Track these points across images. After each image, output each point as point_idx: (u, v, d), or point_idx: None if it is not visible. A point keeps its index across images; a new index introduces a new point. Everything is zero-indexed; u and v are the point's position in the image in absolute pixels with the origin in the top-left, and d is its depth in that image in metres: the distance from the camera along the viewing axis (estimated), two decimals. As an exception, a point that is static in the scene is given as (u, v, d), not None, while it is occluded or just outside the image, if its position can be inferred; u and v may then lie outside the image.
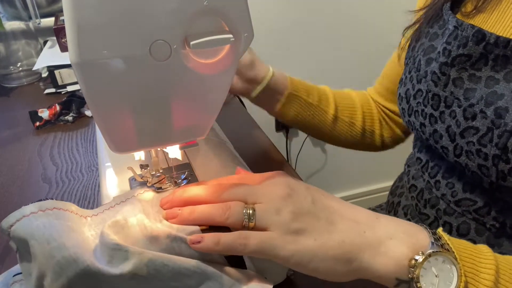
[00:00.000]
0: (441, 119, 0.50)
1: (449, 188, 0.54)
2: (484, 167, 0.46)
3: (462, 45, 0.48)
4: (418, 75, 0.54)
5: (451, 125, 0.49)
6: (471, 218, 0.52)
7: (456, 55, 0.48)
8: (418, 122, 0.55)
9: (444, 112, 0.50)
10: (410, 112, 0.56)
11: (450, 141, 0.49)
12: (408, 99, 0.56)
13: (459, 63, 0.48)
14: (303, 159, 1.68)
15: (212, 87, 0.40)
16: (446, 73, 0.50)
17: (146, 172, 0.46)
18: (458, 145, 0.48)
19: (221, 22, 0.35)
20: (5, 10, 1.12)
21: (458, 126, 0.48)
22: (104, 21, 0.32)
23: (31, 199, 0.64)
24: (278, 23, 1.42)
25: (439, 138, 0.51)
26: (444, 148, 0.51)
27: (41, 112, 0.86)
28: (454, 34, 0.49)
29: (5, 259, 0.53)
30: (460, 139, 0.48)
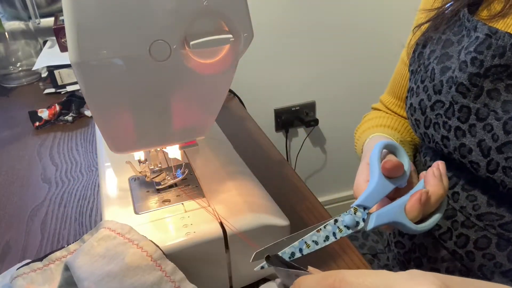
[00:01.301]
0: (471, 132, 0.47)
1: (470, 201, 0.51)
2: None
3: (498, 55, 0.44)
4: (434, 86, 0.51)
5: (484, 139, 0.46)
6: (494, 233, 0.50)
7: (491, 66, 0.45)
8: (439, 135, 0.51)
9: (475, 125, 0.47)
10: (427, 124, 0.53)
11: (482, 156, 0.46)
12: (424, 110, 0.53)
13: (494, 74, 0.45)
14: (303, 159, 1.68)
15: (212, 87, 0.40)
16: (478, 85, 0.46)
17: (144, 167, 0.46)
18: (493, 161, 0.45)
19: (221, 22, 0.35)
20: (4, 10, 1.12)
21: (495, 140, 0.45)
22: (103, 21, 0.32)
23: (30, 199, 0.65)
24: (278, 23, 1.42)
25: (467, 153, 0.48)
26: (473, 163, 0.48)
27: (40, 112, 0.86)
28: (487, 43, 0.45)
29: (5, 259, 0.53)
30: (497, 154, 0.45)
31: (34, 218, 0.60)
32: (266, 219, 0.43)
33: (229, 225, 0.41)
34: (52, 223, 0.59)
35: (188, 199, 0.46)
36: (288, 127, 1.60)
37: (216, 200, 0.46)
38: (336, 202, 1.79)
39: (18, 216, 0.61)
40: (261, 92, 1.48)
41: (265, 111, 1.54)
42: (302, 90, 1.55)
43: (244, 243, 0.42)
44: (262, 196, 0.47)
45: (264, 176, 0.67)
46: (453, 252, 0.54)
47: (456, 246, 0.53)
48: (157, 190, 0.48)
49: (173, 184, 0.48)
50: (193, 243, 0.40)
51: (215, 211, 0.44)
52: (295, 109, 1.57)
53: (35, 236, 0.57)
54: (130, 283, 0.36)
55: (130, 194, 0.47)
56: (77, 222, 0.59)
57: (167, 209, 0.45)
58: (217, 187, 0.48)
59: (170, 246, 0.39)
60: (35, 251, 0.54)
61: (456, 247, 0.53)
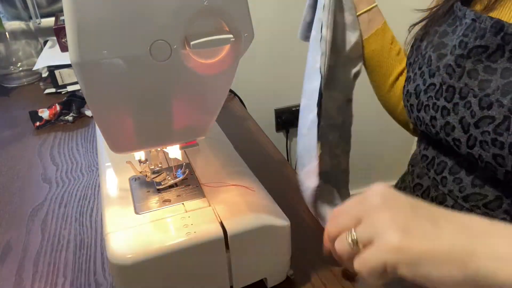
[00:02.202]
0: (454, 110, 0.50)
1: (457, 183, 0.54)
2: (499, 157, 0.46)
3: (480, 37, 0.48)
4: (430, 70, 0.55)
5: (465, 116, 0.49)
6: (479, 213, 0.52)
7: (473, 47, 0.49)
8: (428, 116, 0.55)
9: (458, 103, 0.50)
10: (419, 107, 0.56)
11: (463, 132, 0.49)
12: (418, 94, 0.56)
13: (475, 55, 0.49)
14: (303, 159, 1.68)
15: (212, 87, 0.40)
16: (462, 65, 0.50)
17: (145, 167, 0.46)
18: (472, 136, 0.48)
19: (221, 22, 0.35)
20: (5, 10, 1.12)
21: (473, 116, 0.48)
22: (104, 21, 0.32)
23: (31, 199, 0.65)
24: (279, 23, 1.42)
25: (451, 130, 0.51)
26: (456, 140, 0.51)
27: (41, 112, 0.86)
28: (472, 27, 0.49)
29: (6, 259, 0.53)
30: (474, 129, 0.48)
31: (35, 218, 0.60)
32: (266, 219, 0.43)
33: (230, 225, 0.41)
34: (53, 223, 0.59)
35: (189, 199, 0.46)
36: (288, 127, 1.60)
37: (216, 200, 0.46)
38: (336, 202, 1.79)
39: (19, 216, 0.61)
40: (261, 92, 1.48)
41: (266, 111, 1.54)
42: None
43: (244, 243, 0.42)
44: (262, 196, 0.47)
45: (265, 176, 0.67)
46: None
47: None
48: (158, 190, 0.48)
49: (173, 184, 0.48)
50: (193, 243, 0.40)
51: (216, 211, 0.44)
52: (295, 109, 1.57)
53: (35, 236, 0.57)
54: None
55: (131, 194, 0.47)
56: (78, 222, 0.59)
57: (167, 209, 0.45)
58: (218, 187, 0.48)
59: (170, 246, 0.39)
60: (36, 251, 0.54)
61: None
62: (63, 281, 0.50)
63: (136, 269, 0.39)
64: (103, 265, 0.51)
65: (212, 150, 0.56)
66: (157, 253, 0.39)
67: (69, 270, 0.51)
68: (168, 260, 0.40)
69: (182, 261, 0.40)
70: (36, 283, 0.49)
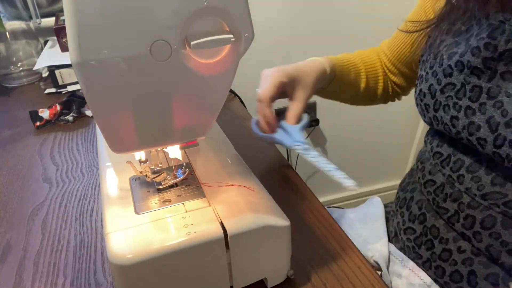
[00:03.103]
0: (480, 110, 0.50)
1: (475, 182, 0.54)
2: None
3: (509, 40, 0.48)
4: (444, 70, 0.55)
5: (494, 115, 0.49)
6: (498, 212, 0.52)
7: (505, 50, 0.48)
8: (448, 116, 0.54)
9: (486, 103, 0.50)
10: (437, 107, 0.56)
11: (490, 132, 0.49)
12: (434, 94, 0.56)
13: (508, 57, 0.48)
14: (304, 159, 1.67)
15: (212, 87, 0.40)
16: (492, 67, 0.50)
17: (145, 167, 0.46)
18: (501, 135, 0.48)
19: (222, 22, 0.35)
20: (5, 10, 1.12)
21: (504, 116, 0.48)
22: (104, 21, 0.32)
23: (31, 199, 0.65)
24: (279, 23, 1.42)
25: (475, 130, 0.51)
26: (481, 139, 0.51)
27: (41, 112, 0.86)
28: (501, 29, 0.49)
29: (6, 259, 0.53)
30: (505, 129, 0.48)
31: (35, 218, 0.61)
32: (266, 219, 0.43)
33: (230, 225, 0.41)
34: (53, 223, 0.59)
35: (189, 199, 0.46)
36: (288, 127, 1.60)
37: (216, 200, 0.46)
38: (336, 202, 1.79)
39: (19, 216, 0.61)
40: (261, 92, 1.48)
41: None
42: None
43: (244, 243, 0.42)
44: (262, 196, 0.47)
45: (265, 176, 0.68)
46: (462, 234, 0.56)
47: (464, 228, 0.55)
48: (158, 190, 0.48)
49: (173, 184, 0.48)
50: (193, 243, 0.40)
51: (216, 211, 0.44)
52: (295, 109, 1.56)
53: (35, 236, 0.57)
54: None
55: (131, 194, 0.47)
56: (78, 222, 0.59)
57: (167, 209, 0.45)
58: (218, 187, 0.48)
59: (170, 246, 0.39)
60: (36, 251, 0.54)
61: (464, 229, 0.55)
62: (63, 281, 0.50)
63: (136, 269, 0.39)
64: (103, 265, 0.51)
65: (212, 150, 0.56)
66: (157, 253, 0.39)
67: (69, 270, 0.51)
68: (168, 260, 0.40)
69: (182, 261, 0.40)
70: (36, 283, 0.50)
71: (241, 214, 0.43)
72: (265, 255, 0.44)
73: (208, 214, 0.44)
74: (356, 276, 0.48)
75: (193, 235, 0.40)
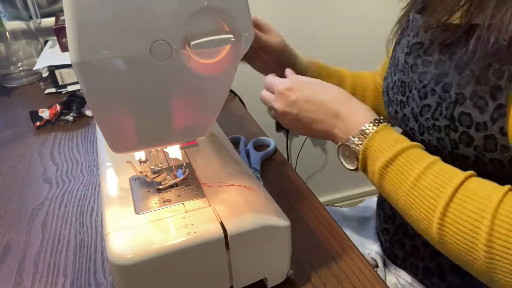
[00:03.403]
0: (408, 103, 0.55)
1: None
2: (440, 140, 0.50)
3: (415, 35, 0.54)
4: (394, 69, 0.60)
5: (413, 107, 0.53)
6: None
7: (412, 44, 0.55)
8: (393, 110, 0.59)
9: (409, 96, 0.54)
10: (388, 103, 0.61)
11: (415, 121, 0.53)
12: (388, 92, 0.61)
13: (415, 51, 0.54)
14: (304, 159, 1.68)
15: (212, 87, 0.40)
16: (408, 62, 0.55)
17: (145, 167, 0.46)
18: (421, 124, 0.52)
19: (222, 22, 0.35)
20: (5, 10, 1.12)
21: (417, 106, 0.52)
22: (104, 21, 0.32)
23: (31, 199, 0.65)
24: (279, 23, 1.42)
25: (407, 121, 0.55)
26: (412, 129, 0.55)
27: (41, 112, 0.86)
28: (411, 27, 0.56)
29: (6, 259, 0.53)
30: (420, 117, 0.52)
31: (35, 218, 0.60)
32: (266, 219, 0.43)
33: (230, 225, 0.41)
34: (53, 223, 0.59)
35: (189, 199, 0.46)
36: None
37: (216, 200, 0.46)
38: (336, 202, 1.79)
39: (19, 216, 0.61)
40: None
41: (266, 111, 1.54)
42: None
43: (244, 243, 0.42)
44: (262, 196, 0.47)
45: (265, 176, 0.68)
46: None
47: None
48: (158, 190, 0.48)
49: (173, 184, 0.48)
50: (193, 243, 0.40)
51: (216, 211, 0.44)
52: (295, 109, 1.56)
53: (35, 236, 0.57)
54: None
55: (131, 194, 0.47)
56: (78, 222, 0.59)
57: (167, 209, 0.45)
58: (218, 187, 0.48)
59: (170, 246, 0.39)
60: (36, 251, 0.54)
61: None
62: (63, 281, 0.50)
63: (136, 269, 0.39)
64: (103, 265, 0.51)
65: (212, 150, 0.56)
66: (157, 253, 0.39)
67: (69, 270, 0.51)
68: (168, 260, 0.40)
69: (182, 261, 0.40)
70: (36, 283, 0.50)
71: (241, 214, 0.43)
72: (265, 255, 0.44)
73: (208, 214, 0.44)
74: (356, 276, 0.48)
75: (193, 235, 0.40)
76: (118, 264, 0.39)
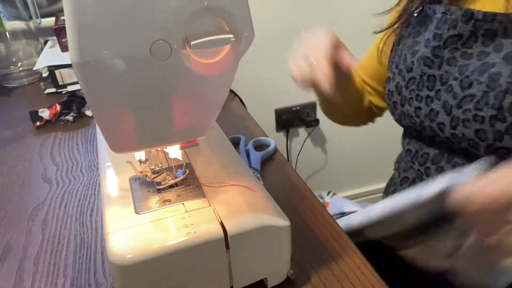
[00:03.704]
0: (437, 97, 0.54)
1: (439, 172, 0.57)
2: (481, 131, 0.49)
3: (452, 27, 0.52)
4: (407, 66, 0.58)
5: (447, 99, 0.52)
6: None
7: (448, 37, 0.53)
8: (413, 108, 0.58)
9: (440, 90, 0.54)
10: (403, 102, 0.60)
11: (446, 115, 0.53)
12: (400, 91, 0.60)
13: (451, 44, 0.53)
14: (304, 159, 1.68)
15: (212, 87, 0.40)
16: (440, 55, 0.54)
17: (145, 167, 0.46)
18: (455, 117, 0.52)
19: (222, 22, 0.35)
20: (5, 10, 1.12)
21: (455, 97, 0.51)
22: (104, 21, 0.32)
23: (31, 199, 0.65)
24: (279, 23, 1.42)
25: (435, 116, 0.54)
26: (440, 124, 0.54)
27: (41, 112, 0.86)
28: (444, 19, 0.54)
29: (6, 259, 0.53)
30: (457, 110, 0.51)
31: (35, 218, 0.60)
32: (266, 219, 0.43)
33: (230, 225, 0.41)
34: (53, 223, 0.59)
35: (189, 199, 0.46)
36: (288, 127, 1.60)
37: (216, 200, 0.46)
38: (336, 202, 1.79)
39: (19, 216, 0.61)
40: (262, 92, 1.48)
41: (266, 111, 1.54)
42: (303, 90, 1.55)
43: (244, 243, 0.42)
44: (262, 197, 0.47)
45: (265, 176, 0.68)
46: None
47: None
48: (158, 190, 0.48)
49: (173, 184, 0.48)
50: (193, 243, 0.40)
51: (216, 211, 0.44)
52: (295, 109, 1.57)
53: (35, 236, 0.57)
54: None
55: (131, 194, 0.47)
56: (78, 222, 0.59)
57: (167, 209, 0.45)
58: (218, 187, 0.48)
59: (170, 246, 0.39)
60: (36, 251, 0.54)
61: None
62: (63, 281, 0.50)
63: (136, 269, 0.39)
64: (103, 265, 0.51)
65: (212, 150, 0.56)
66: (157, 253, 0.39)
67: (69, 270, 0.51)
68: (168, 260, 0.40)
69: (182, 261, 0.40)
70: (36, 283, 0.50)
71: (241, 214, 0.43)
72: (265, 255, 0.44)
73: (208, 214, 0.44)
74: (356, 276, 0.48)
75: (193, 235, 0.40)
76: (118, 264, 0.39)
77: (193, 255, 0.40)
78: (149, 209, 0.45)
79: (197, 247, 0.40)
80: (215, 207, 0.44)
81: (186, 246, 0.40)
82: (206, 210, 0.44)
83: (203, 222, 0.42)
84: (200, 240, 0.40)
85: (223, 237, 0.41)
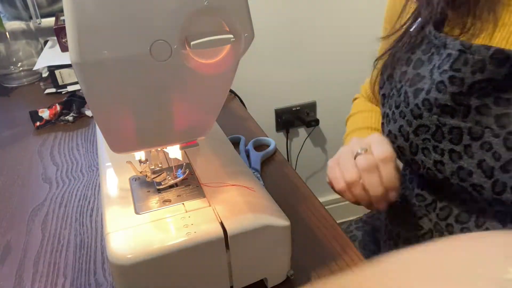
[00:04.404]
0: (467, 153, 0.45)
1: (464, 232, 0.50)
2: None
3: (479, 70, 0.42)
4: (412, 111, 0.49)
5: (484, 159, 0.43)
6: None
7: (473, 82, 0.43)
8: (431, 160, 0.49)
9: (471, 145, 0.44)
10: (413, 150, 0.51)
11: (486, 178, 0.44)
12: (407, 137, 0.51)
13: (479, 90, 0.43)
14: (304, 159, 1.68)
15: (212, 87, 0.40)
16: (464, 103, 0.44)
17: (145, 167, 0.46)
18: (499, 181, 0.43)
19: (222, 22, 0.35)
20: (5, 10, 1.12)
21: (497, 159, 0.42)
22: (104, 21, 0.32)
23: (31, 199, 0.65)
24: (279, 23, 1.42)
25: (467, 176, 0.45)
26: (476, 186, 0.45)
27: (41, 112, 0.86)
28: (463, 59, 0.43)
29: (6, 259, 0.53)
30: (502, 174, 0.42)
31: (35, 218, 0.60)
32: (266, 219, 0.43)
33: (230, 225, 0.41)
34: (53, 223, 0.59)
35: (189, 199, 0.46)
36: (288, 127, 1.60)
37: (216, 200, 0.46)
38: (337, 203, 1.79)
39: (19, 216, 0.61)
40: (261, 92, 1.48)
41: (266, 111, 1.54)
42: (303, 90, 1.55)
43: (244, 243, 0.42)
44: (262, 197, 0.47)
45: (265, 176, 0.68)
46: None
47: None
48: (158, 190, 0.48)
49: (173, 184, 0.48)
50: (193, 243, 0.40)
51: (216, 211, 0.44)
52: (295, 109, 1.57)
53: (35, 236, 0.57)
54: None
55: (131, 194, 0.47)
56: (78, 222, 0.59)
57: (167, 209, 0.45)
58: (218, 187, 0.48)
59: (170, 246, 0.39)
60: (36, 251, 0.54)
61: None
62: (63, 281, 0.50)
63: (136, 269, 0.39)
64: (103, 265, 0.51)
65: (212, 150, 0.56)
66: (157, 253, 0.39)
67: (69, 270, 0.51)
68: (168, 260, 0.40)
69: (182, 261, 0.40)
70: (36, 283, 0.50)
71: (241, 214, 0.43)
72: (265, 255, 0.44)
73: (208, 214, 0.44)
74: (356, 276, 0.48)
75: (193, 235, 0.40)
76: (118, 264, 0.39)
77: (193, 255, 0.40)
78: (149, 209, 0.45)
79: (197, 247, 0.40)
80: (215, 207, 0.44)
81: (186, 246, 0.40)
82: (206, 210, 0.44)
83: (203, 222, 0.42)
84: (200, 240, 0.40)
85: (223, 237, 0.41)
